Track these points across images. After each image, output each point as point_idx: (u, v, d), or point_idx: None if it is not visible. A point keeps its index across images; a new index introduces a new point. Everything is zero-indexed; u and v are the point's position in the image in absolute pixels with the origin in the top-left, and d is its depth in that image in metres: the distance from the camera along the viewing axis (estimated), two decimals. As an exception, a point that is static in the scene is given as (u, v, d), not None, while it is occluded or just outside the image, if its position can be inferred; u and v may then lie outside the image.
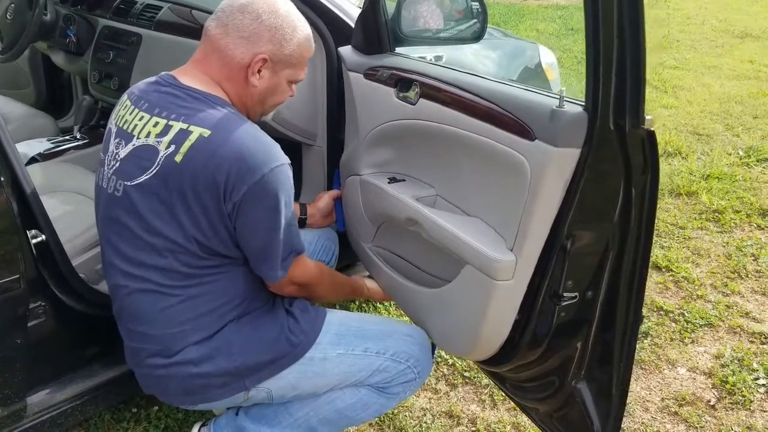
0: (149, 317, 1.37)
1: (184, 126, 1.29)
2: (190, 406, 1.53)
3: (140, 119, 1.34)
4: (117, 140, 1.37)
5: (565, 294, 1.34)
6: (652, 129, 1.19)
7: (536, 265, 1.35)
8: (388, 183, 1.72)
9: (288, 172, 1.34)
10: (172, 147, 1.28)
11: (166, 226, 1.30)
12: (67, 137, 2.64)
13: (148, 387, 1.47)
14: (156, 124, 1.31)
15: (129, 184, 1.32)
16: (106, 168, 1.38)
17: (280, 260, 1.37)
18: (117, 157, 1.35)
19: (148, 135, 1.31)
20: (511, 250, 1.35)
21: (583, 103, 1.22)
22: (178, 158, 1.27)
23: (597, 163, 1.23)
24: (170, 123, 1.30)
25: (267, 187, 1.29)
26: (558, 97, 1.25)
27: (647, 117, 1.18)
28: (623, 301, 1.34)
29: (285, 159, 1.34)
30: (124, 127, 1.37)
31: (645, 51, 1.13)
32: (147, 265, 1.34)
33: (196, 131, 1.28)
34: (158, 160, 1.29)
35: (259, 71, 1.37)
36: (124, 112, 1.39)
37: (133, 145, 1.33)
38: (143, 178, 1.30)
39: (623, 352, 1.37)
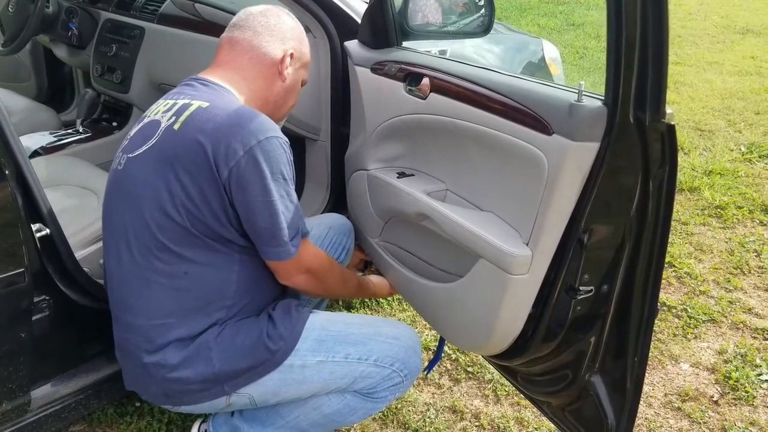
0: (133, 303, 1.38)
1: (187, 101, 1.38)
2: (172, 408, 1.50)
3: (156, 105, 1.45)
4: (135, 126, 1.45)
5: (581, 288, 1.34)
6: (672, 123, 1.18)
7: (552, 259, 1.35)
8: (397, 178, 1.71)
9: (285, 146, 1.36)
10: (173, 118, 1.35)
11: (157, 194, 1.31)
12: (70, 131, 2.65)
13: (130, 384, 1.47)
14: (166, 105, 1.41)
15: (130, 155, 1.38)
16: (119, 150, 1.44)
17: (287, 237, 1.36)
18: (128, 137, 1.43)
19: (156, 113, 1.41)
20: (527, 245, 1.34)
21: (602, 97, 1.22)
22: (176, 126, 1.34)
23: (615, 157, 1.23)
24: (177, 102, 1.39)
25: (262, 155, 1.30)
26: (576, 91, 1.25)
27: (668, 111, 1.17)
28: (639, 295, 1.34)
29: (283, 135, 1.37)
30: (144, 115, 1.45)
31: (668, 44, 1.12)
32: (132, 241, 1.35)
33: (196, 103, 1.36)
34: (159, 131, 1.36)
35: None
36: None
37: (142, 123, 1.42)
38: (144, 148, 1.36)
39: (638, 346, 1.36)
